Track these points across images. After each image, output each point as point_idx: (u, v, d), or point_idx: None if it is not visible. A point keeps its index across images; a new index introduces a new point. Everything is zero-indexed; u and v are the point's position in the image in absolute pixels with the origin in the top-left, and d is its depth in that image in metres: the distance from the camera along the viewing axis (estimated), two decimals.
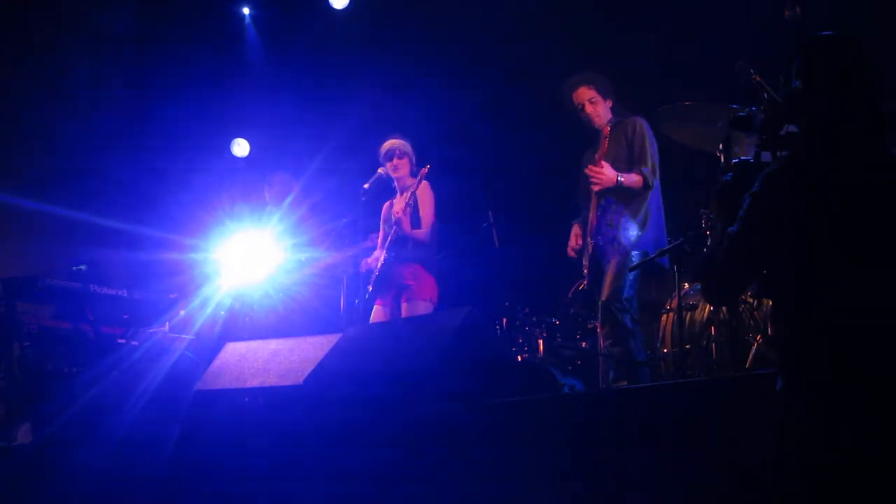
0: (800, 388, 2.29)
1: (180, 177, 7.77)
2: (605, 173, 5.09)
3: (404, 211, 5.69)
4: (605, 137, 5.25)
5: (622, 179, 5.09)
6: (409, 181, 5.97)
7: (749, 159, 2.58)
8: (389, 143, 5.96)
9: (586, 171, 5.17)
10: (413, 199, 5.75)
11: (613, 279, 5.05)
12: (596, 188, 5.17)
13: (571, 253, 5.45)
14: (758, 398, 2.98)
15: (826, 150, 2.39)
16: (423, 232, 5.76)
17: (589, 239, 5.24)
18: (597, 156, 5.26)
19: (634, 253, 5.08)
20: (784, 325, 2.38)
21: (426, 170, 5.71)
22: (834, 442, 2.20)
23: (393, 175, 5.94)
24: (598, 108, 5.31)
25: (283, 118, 7.95)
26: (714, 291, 2.67)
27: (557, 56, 6.47)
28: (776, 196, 2.36)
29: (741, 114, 4.19)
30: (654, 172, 5.19)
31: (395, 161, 5.90)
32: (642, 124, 5.24)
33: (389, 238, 5.77)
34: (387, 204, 6.09)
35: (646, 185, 5.13)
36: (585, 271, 5.29)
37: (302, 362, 4.50)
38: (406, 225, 5.68)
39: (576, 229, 5.46)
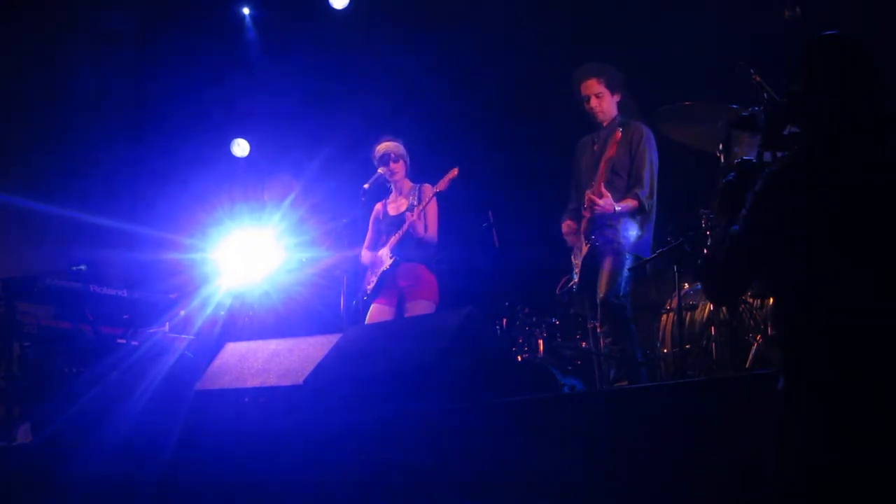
0: (800, 388, 2.29)
1: (180, 177, 7.76)
2: (603, 204, 4.97)
3: (417, 214, 5.69)
4: (616, 142, 5.11)
5: (619, 208, 5.01)
6: (407, 183, 5.98)
7: (752, 159, 2.58)
8: (384, 146, 5.96)
9: (586, 198, 5.03)
10: (419, 199, 5.76)
11: (610, 277, 5.03)
12: (588, 213, 5.07)
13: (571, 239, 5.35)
14: (758, 398, 2.99)
15: (826, 150, 2.39)
16: (431, 233, 5.79)
17: (583, 238, 5.22)
18: (598, 149, 5.22)
19: (629, 254, 5.06)
20: (784, 325, 2.39)
21: (456, 172, 5.65)
22: (834, 442, 2.20)
23: (391, 178, 5.95)
24: (603, 104, 5.26)
25: (283, 118, 7.95)
26: (715, 291, 2.69)
27: (558, 56, 6.46)
28: (777, 196, 2.36)
29: (744, 113, 4.18)
30: (651, 194, 5.11)
31: (392, 165, 5.91)
32: (647, 140, 5.16)
33: (395, 238, 5.77)
34: (379, 204, 6.09)
35: (641, 209, 5.08)
36: (577, 269, 5.28)
37: (302, 362, 4.50)
38: (420, 227, 5.69)
39: (569, 226, 5.37)
